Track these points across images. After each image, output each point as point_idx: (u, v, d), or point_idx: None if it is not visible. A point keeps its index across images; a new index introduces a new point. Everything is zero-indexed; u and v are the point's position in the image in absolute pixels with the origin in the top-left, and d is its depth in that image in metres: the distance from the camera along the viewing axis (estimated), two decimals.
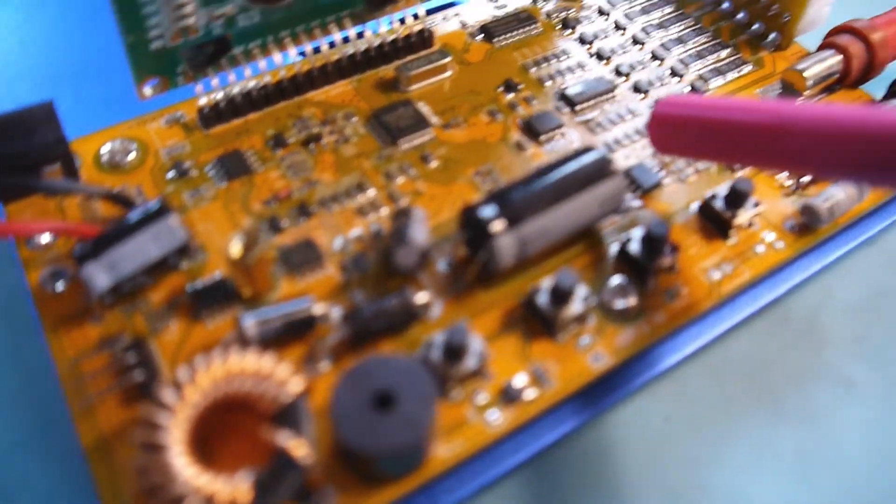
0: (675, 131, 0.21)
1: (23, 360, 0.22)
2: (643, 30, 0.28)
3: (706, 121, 0.20)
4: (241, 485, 0.16)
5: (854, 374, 0.23)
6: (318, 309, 0.19)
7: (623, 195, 0.21)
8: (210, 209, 0.22)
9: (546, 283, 0.20)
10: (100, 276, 0.19)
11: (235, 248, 0.19)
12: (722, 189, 0.22)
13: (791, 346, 0.24)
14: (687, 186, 0.24)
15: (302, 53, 0.25)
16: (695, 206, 0.23)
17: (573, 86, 0.26)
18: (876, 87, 0.28)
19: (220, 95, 0.23)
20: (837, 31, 0.27)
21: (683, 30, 0.28)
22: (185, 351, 0.19)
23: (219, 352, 0.17)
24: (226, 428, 0.18)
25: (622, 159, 0.24)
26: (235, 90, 0.24)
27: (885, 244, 0.26)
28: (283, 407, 0.17)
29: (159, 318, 0.20)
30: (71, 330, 0.20)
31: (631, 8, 0.29)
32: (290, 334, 0.19)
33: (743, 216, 0.22)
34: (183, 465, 0.16)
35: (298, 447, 0.16)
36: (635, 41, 0.28)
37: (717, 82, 0.27)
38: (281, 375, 0.17)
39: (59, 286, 0.20)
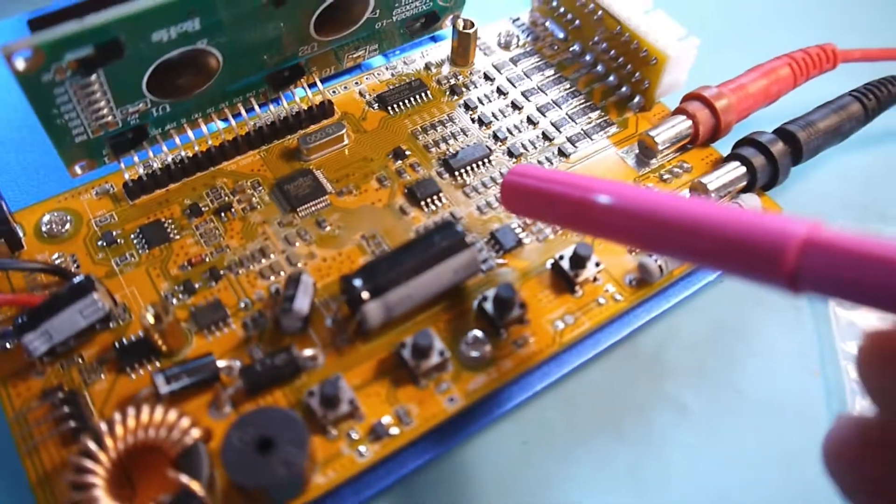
0: (520, 197, 0.25)
1: None
2: (523, 94, 0.32)
3: (543, 192, 0.24)
4: None
5: (688, 402, 0.28)
6: (220, 364, 0.24)
7: (475, 264, 0.25)
8: (134, 274, 0.26)
9: (410, 339, 0.24)
10: (36, 343, 0.23)
11: (149, 317, 0.23)
12: (568, 251, 0.27)
13: (636, 378, 0.28)
14: (544, 245, 0.28)
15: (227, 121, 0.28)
16: (548, 264, 0.27)
17: (453, 153, 0.30)
18: (726, 144, 0.32)
19: (142, 169, 0.27)
20: (689, 97, 0.31)
21: (560, 93, 0.32)
22: (114, 398, 0.24)
23: (132, 407, 0.22)
24: (146, 467, 0.22)
25: (491, 222, 0.28)
26: (155, 164, 0.27)
27: (729, 286, 0.31)
28: (185, 450, 0.21)
29: (92, 371, 0.24)
30: (17, 383, 0.24)
31: (514, 73, 0.33)
32: (197, 387, 0.23)
33: (585, 274, 0.26)
34: (104, 500, 0.20)
35: (195, 485, 0.21)
36: (514, 106, 0.32)
37: (584, 145, 0.31)
38: (182, 426, 0.21)
39: (7, 345, 0.24)
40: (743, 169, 0.29)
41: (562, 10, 0.33)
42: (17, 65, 0.21)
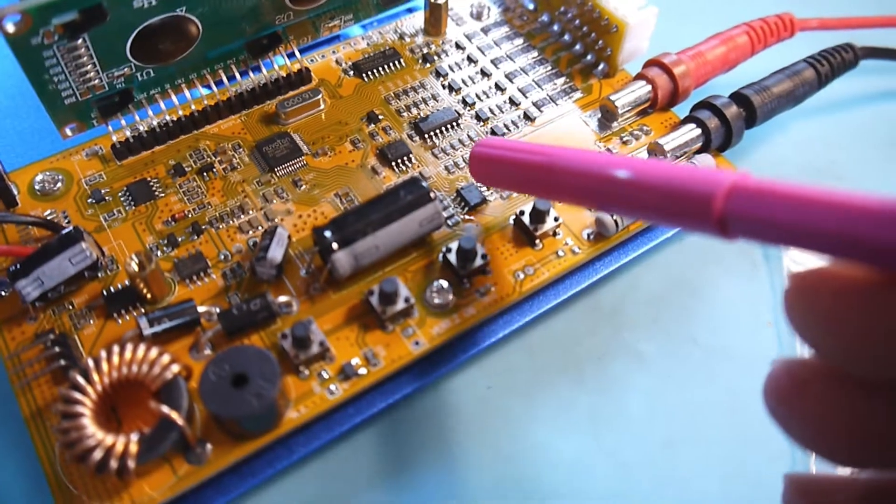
0: (486, 167, 0.27)
1: None
2: (492, 62, 0.33)
3: (504, 159, 0.26)
4: (132, 440, 0.22)
5: (645, 350, 0.30)
6: (200, 310, 0.25)
7: (439, 217, 0.27)
8: (121, 229, 0.28)
9: (377, 286, 0.26)
10: (29, 289, 0.24)
11: (133, 265, 0.25)
12: (529, 206, 0.28)
13: (596, 328, 0.30)
14: (507, 202, 0.29)
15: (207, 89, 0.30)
16: (511, 219, 0.29)
17: (424, 117, 0.31)
18: (685, 109, 0.33)
19: (129, 132, 0.29)
20: (650, 63, 0.33)
21: (528, 61, 0.34)
22: (101, 342, 0.25)
23: (118, 346, 0.23)
24: (130, 403, 0.24)
25: (457, 181, 0.30)
26: (141, 128, 0.29)
27: (686, 244, 0.32)
28: (166, 384, 0.23)
29: (81, 316, 0.26)
30: (12, 328, 0.25)
31: (484, 42, 0.34)
32: (179, 330, 0.25)
33: (544, 228, 0.28)
34: (90, 427, 0.22)
35: (175, 415, 0.22)
36: (483, 73, 0.33)
37: (549, 109, 0.32)
38: (162, 362, 0.23)
39: (1, 293, 0.26)
40: (698, 131, 0.31)
41: None
42: (7, 28, 0.23)
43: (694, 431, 0.28)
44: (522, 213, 0.28)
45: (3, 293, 0.26)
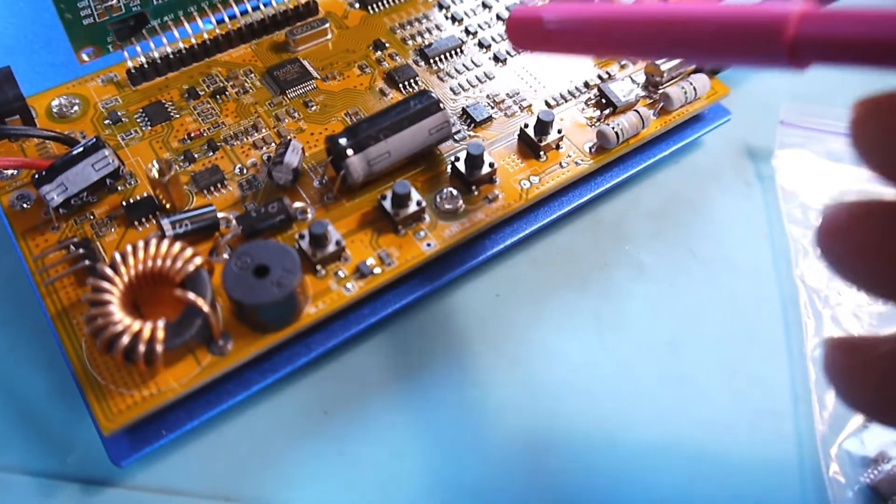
0: (527, 29, 0.26)
1: (3, 266, 0.28)
2: None
3: (563, 18, 0.25)
4: (159, 325, 0.23)
5: (646, 261, 0.31)
6: (219, 215, 0.26)
7: (448, 125, 0.28)
8: (139, 147, 0.28)
9: (390, 191, 0.27)
10: (53, 194, 0.25)
11: (154, 172, 0.26)
12: (532, 119, 0.29)
13: (599, 241, 0.31)
14: (512, 119, 0.30)
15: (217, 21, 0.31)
16: (515, 134, 0.30)
17: (429, 44, 0.32)
18: None
19: (143, 59, 0.30)
20: None
21: None
22: (123, 247, 0.26)
23: (141, 241, 0.24)
24: (154, 301, 0.25)
25: (462, 100, 0.31)
26: (156, 55, 0.30)
27: (685, 164, 0.34)
28: (190, 277, 0.24)
29: (102, 225, 0.26)
30: (35, 236, 0.26)
31: None
32: (199, 233, 0.26)
33: (548, 140, 0.29)
34: (118, 314, 0.23)
35: (200, 301, 0.23)
36: (484, 5, 0.34)
37: None
38: (187, 255, 0.24)
39: (25, 206, 0.27)
40: None
41: None
42: None
43: (695, 333, 0.29)
44: (527, 125, 0.29)
45: (25, 205, 0.27)
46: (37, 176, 0.25)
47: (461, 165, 0.28)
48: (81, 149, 0.26)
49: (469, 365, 0.27)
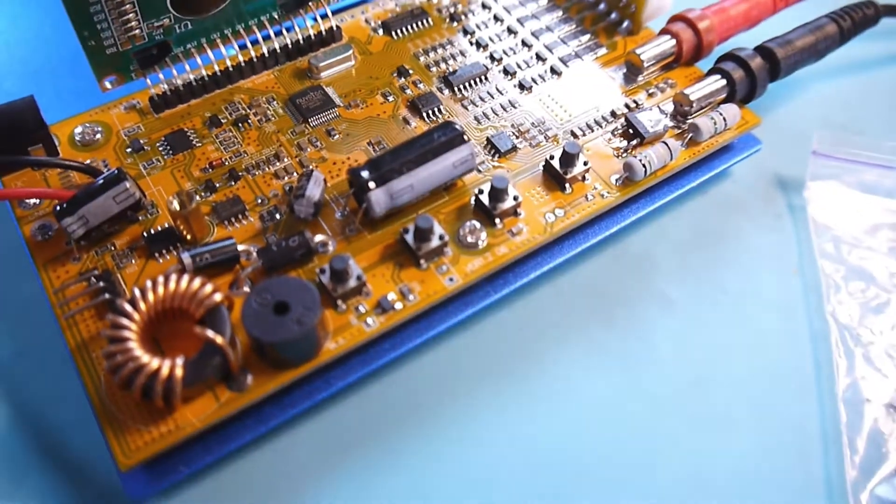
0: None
1: (21, 291, 0.28)
2: (518, 20, 0.34)
3: None
4: (177, 363, 0.22)
5: (673, 295, 0.30)
6: (240, 247, 0.26)
7: (473, 159, 0.27)
8: (160, 175, 0.28)
9: (412, 224, 0.26)
10: (74, 226, 0.25)
11: (175, 204, 0.25)
12: (559, 151, 0.29)
13: (626, 274, 0.30)
14: (537, 150, 0.30)
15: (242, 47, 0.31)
16: (540, 165, 0.29)
17: (452, 71, 0.32)
18: (708, 63, 0.34)
19: (165, 86, 0.30)
20: (674, 19, 0.33)
21: (553, 20, 0.34)
22: (143, 280, 0.26)
23: (162, 276, 0.24)
24: (173, 335, 0.25)
25: (486, 129, 0.30)
26: (178, 82, 0.30)
27: (713, 194, 0.33)
28: (210, 313, 0.24)
29: (123, 256, 0.26)
30: (56, 267, 0.26)
31: (510, 2, 0.35)
32: (219, 267, 0.26)
33: (574, 172, 0.28)
34: (136, 351, 0.23)
35: (219, 339, 0.23)
36: (510, 31, 0.34)
37: (574, 64, 0.33)
38: (206, 290, 0.24)
39: (47, 236, 0.27)
40: (723, 81, 0.31)
41: None
42: None
43: (722, 370, 0.28)
44: (552, 157, 0.29)
45: (47, 235, 0.27)
46: (58, 208, 0.25)
47: (485, 198, 0.27)
48: (102, 181, 0.26)
49: (491, 401, 0.27)
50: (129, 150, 0.29)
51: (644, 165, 0.29)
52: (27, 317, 0.28)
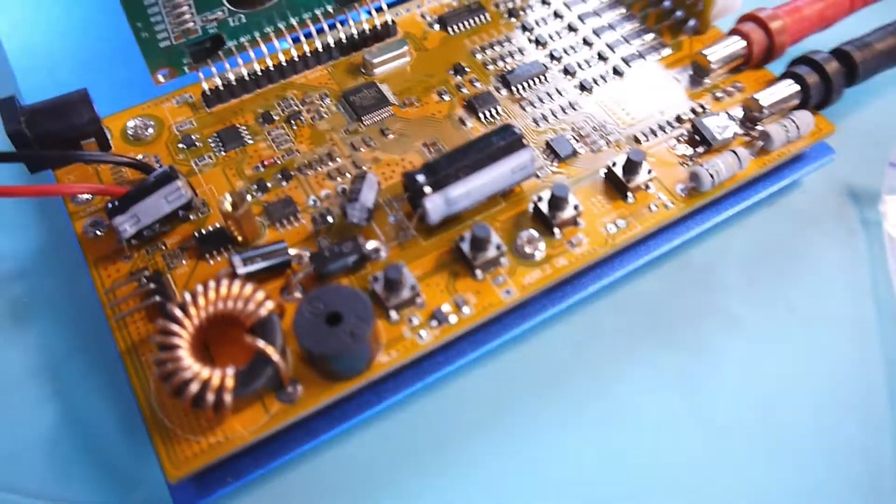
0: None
1: (73, 288, 0.28)
2: (579, 17, 0.33)
3: None
4: (228, 373, 0.22)
5: (738, 313, 0.29)
6: (291, 251, 0.25)
7: (532, 165, 0.26)
8: (212, 173, 0.28)
9: (468, 233, 0.25)
10: (126, 225, 0.25)
11: (227, 204, 0.25)
12: (621, 158, 0.27)
13: (688, 289, 0.29)
14: (597, 155, 0.29)
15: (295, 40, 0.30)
16: (602, 172, 0.28)
17: (510, 70, 0.31)
18: (780, 66, 0.32)
19: (218, 81, 0.29)
20: (744, 18, 0.32)
21: (615, 17, 0.33)
22: (193, 282, 0.25)
23: (212, 281, 0.23)
24: (223, 340, 0.24)
25: (545, 132, 0.29)
26: (231, 76, 0.29)
27: (782, 205, 0.31)
28: (261, 321, 0.23)
29: (174, 256, 0.26)
30: (107, 266, 0.26)
31: None
32: (270, 271, 0.25)
33: (637, 180, 0.27)
34: (187, 359, 0.22)
35: (270, 349, 0.22)
36: (570, 28, 0.32)
37: (637, 64, 0.31)
38: (258, 298, 0.23)
39: (98, 232, 0.26)
40: (796, 87, 0.30)
41: None
42: None
43: (790, 395, 0.27)
44: (615, 163, 0.27)
45: (98, 233, 0.26)
46: (110, 206, 0.25)
47: (544, 206, 0.26)
48: (154, 179, 0.25)
49: (544, 419, 0.26)
50: (180, 145, 0.28)
51: (711, 176, 0.27)
52: (79, 314, 0.28)
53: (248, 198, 0.25)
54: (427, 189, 0.25)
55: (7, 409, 0.26)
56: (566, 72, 0.31)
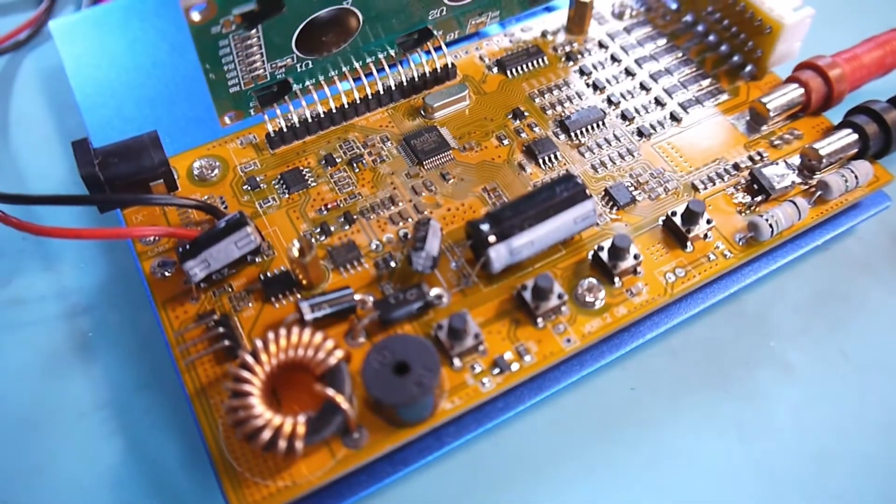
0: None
1: (137, 323, 0.29)
2: (636, 62, 0.33)
3: None
4: (300, 421, 0.22)
5: (793, 360, 0.29)
6: (356, 297, 0.26)
7: (594, 215, 0.26)
8: (276, 216, 0.28)
9: (531, 282, 0.26)
10: (196, 269, 0.25)
11: (295, 251, 0.25)
12: (681, 207, 0.28)
13: (742, 335, 0.29)
14: (656, 203, 0.29)
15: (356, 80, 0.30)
16: (661, 220, 0.28)
17: (569, 115, 0.31)
18: (837, 114, 0.32)
19: (282, 122, 0.30)
20: (802, 66, 0.32)
21: (672, 61, 0.33)
22: (259, 325, 0.26)
23: (283, 328, 0.24)
24: (291, 385, 0.24)
25: (604, 178, 0.29)
26: (295, 118, 0.30)
27: (836, 252, 0.31)
28: (330, 369, 0.23)
29: (240, 299, 0.26)
30: (175, 307, 0.26)
31: (627, 42, 0.34)
32: (336, 316, 0.25)
33: (696, 230, 0.27)
34: (259, 406, 0.23)
35: (340, 398, 0.23)
36: (627, 73, 0.33)
37: (695, 110, 0.32)
38: (328, 346, 0.23)
39: (166, 273, 0.27)
40: (855, 136, 0.30)
41: None
42: (193, 17, 0.24)
43: (846, 446, 0.27)
44: (674, 213, 0.28)
45: (166, 273, 0.27)
46: (181, 249, 0.26)
47: (604, 255, 0.27)
48: (225, 224, 0.26)
49: (599, 463, 0.26)
50: (245, 186, 0.29)
51: (771, 226, 0.28)
52: (144, 349, 0.28)
53: (315, 243, 0.25)
54: (491, 238, 0.25)
55: (72, 441, 0.27)
56: (624, 117, 0.31)
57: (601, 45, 0.34)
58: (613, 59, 0.33)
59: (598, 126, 0.31)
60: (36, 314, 0.30)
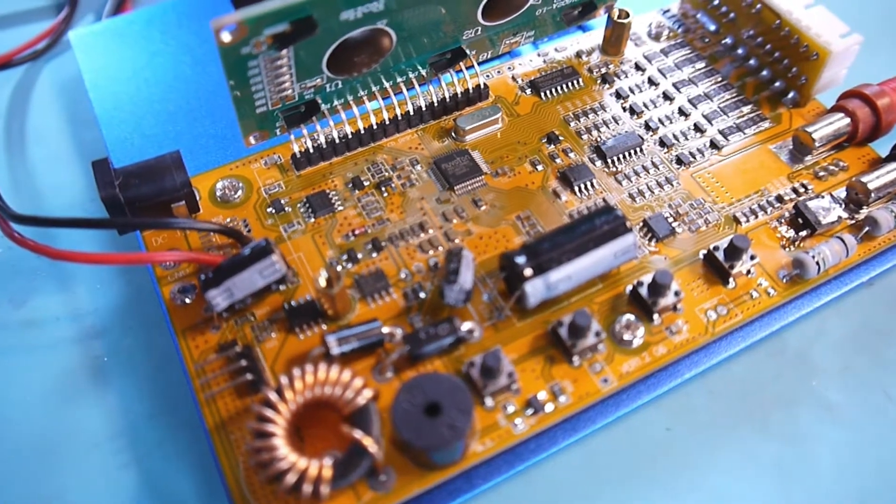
0: None
1: (153, 348, 0.28)
2: (674, 85, 0.32)
3: None
4: (326, 464, 0.21)
5: (834, 400, 0.27)
6: (384, 330, 0.25)
7: (635, 249, 0.25)
8: (301, 241, 0.27)
9: (567, 318, 0.25)
10: (219, 299, 0.24)
11: (322, 281, 0.24)
12: (724, 242, 0.26)
13: (782, 373, 0.28)
14: (696, 235, 0.28)
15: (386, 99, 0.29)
16: (701, 254, 0.27)
17: (606, 140, 0.30)
18: (884, 145, 0.31)
19: (308, 142, 0.29)
20: (848, 94, 0.31)
21: (711, 86, 0.32)
22: (283, 356, 0.25)
23: (309, 364, 0.23)
24: (315, 422, 0.23)
25: (642, 210, 0.28)
26: (321, 139, 0.29)
27: (880, 289, 0.30)
28: (358, 409, 0.22)
29: (263, 329, 0.25)
30: (196, 336, 0.25)
31: (665, 64, 0.33)
32: (363, 350, 0.24)
33: (739, 267, 0.26)
34: (284, 448, 0.21)
35: (368, 441, 0.22)
36: (665, 97, 0.32)
37: (736, 138, 0.30)
38: (356, 385, 0.22)
39: (187, 300, 0.26)
40: None
41: (716, 2, 0.33)
42: (223, 37, 0.23)
43: (890, 491, 0.25)
44: (716, 248, 0.26)
45: (186, 300, 0.26)
46: (203, 277, 0.24)
47: (644, 290, 0.25)
48: (249, 252, 0.25)
49: None
50: (269, 209, 0.28)
51: (818, 264, 0.26)
52: (160, 375, 0.27)
53: (343, 274, 0.24)
54: (527, 272, 0.24)
55: (86, 471, 0.26)
56: (662, 143, 0.30)
57: (638, 66, 0.32)
58: (651, 82, 0.32)
59: (635, 153, 0.30)
60: (50, 336, 0.29)
